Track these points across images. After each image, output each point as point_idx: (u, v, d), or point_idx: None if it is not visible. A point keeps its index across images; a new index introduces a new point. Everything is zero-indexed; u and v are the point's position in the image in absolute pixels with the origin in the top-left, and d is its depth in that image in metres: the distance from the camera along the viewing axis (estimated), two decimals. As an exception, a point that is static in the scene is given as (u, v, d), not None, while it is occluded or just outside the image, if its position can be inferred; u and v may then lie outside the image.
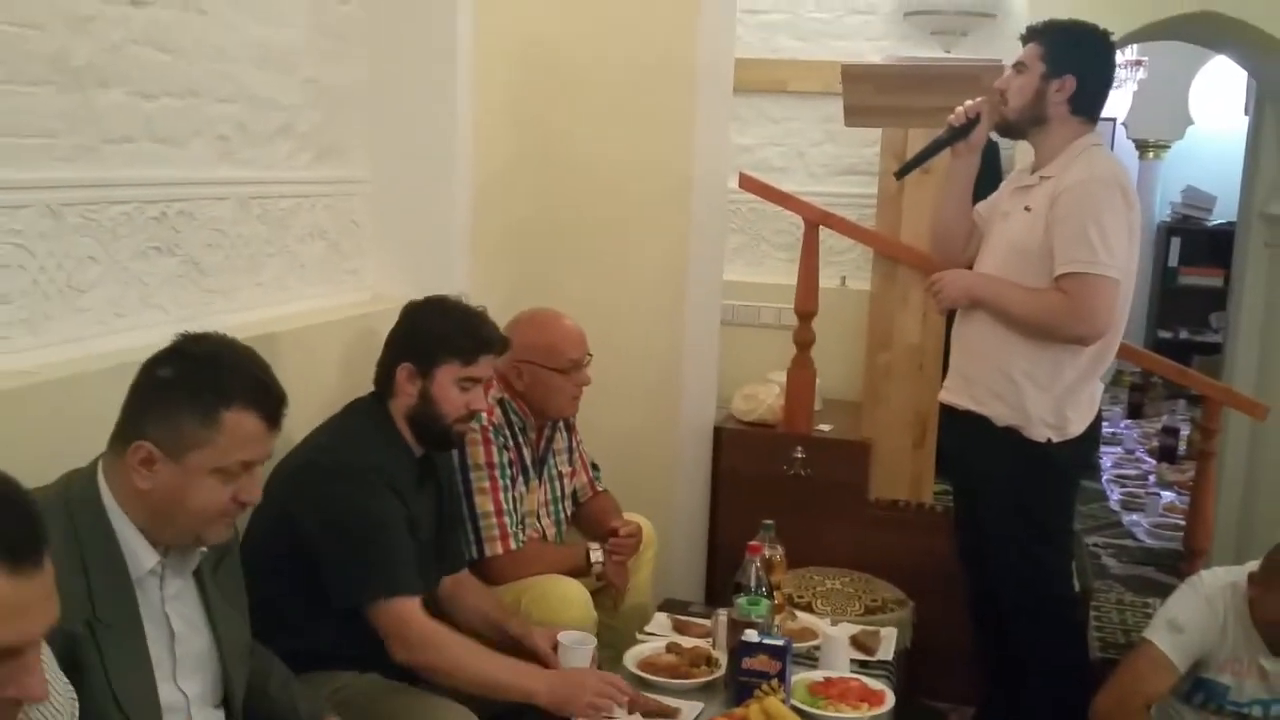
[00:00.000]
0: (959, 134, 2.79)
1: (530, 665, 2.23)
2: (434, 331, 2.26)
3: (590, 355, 2.76)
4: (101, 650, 1.52)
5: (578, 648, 2.22)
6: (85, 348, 1.97)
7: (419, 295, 2.36)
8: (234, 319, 2.32)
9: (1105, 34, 2.71)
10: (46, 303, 1.94)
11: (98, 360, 1.96)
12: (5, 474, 1.12)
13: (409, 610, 2.08)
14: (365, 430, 2.25)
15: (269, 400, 1.63)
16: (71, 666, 1.48)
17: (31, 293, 1.91)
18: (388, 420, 2.27)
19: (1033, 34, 2.72)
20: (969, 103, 2.78)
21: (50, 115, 1.91)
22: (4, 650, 1.05)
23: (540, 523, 2.77)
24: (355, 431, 2.25)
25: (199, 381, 1.58)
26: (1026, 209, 2.67)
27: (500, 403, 2.67)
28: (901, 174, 3.06)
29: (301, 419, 2.23)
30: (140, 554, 1.59)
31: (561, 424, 2.86)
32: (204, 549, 1.67)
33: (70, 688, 1.29)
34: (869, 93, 3.36)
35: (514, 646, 2.31)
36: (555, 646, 2.26)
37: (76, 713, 1.29)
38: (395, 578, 2.09)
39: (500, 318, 3.08)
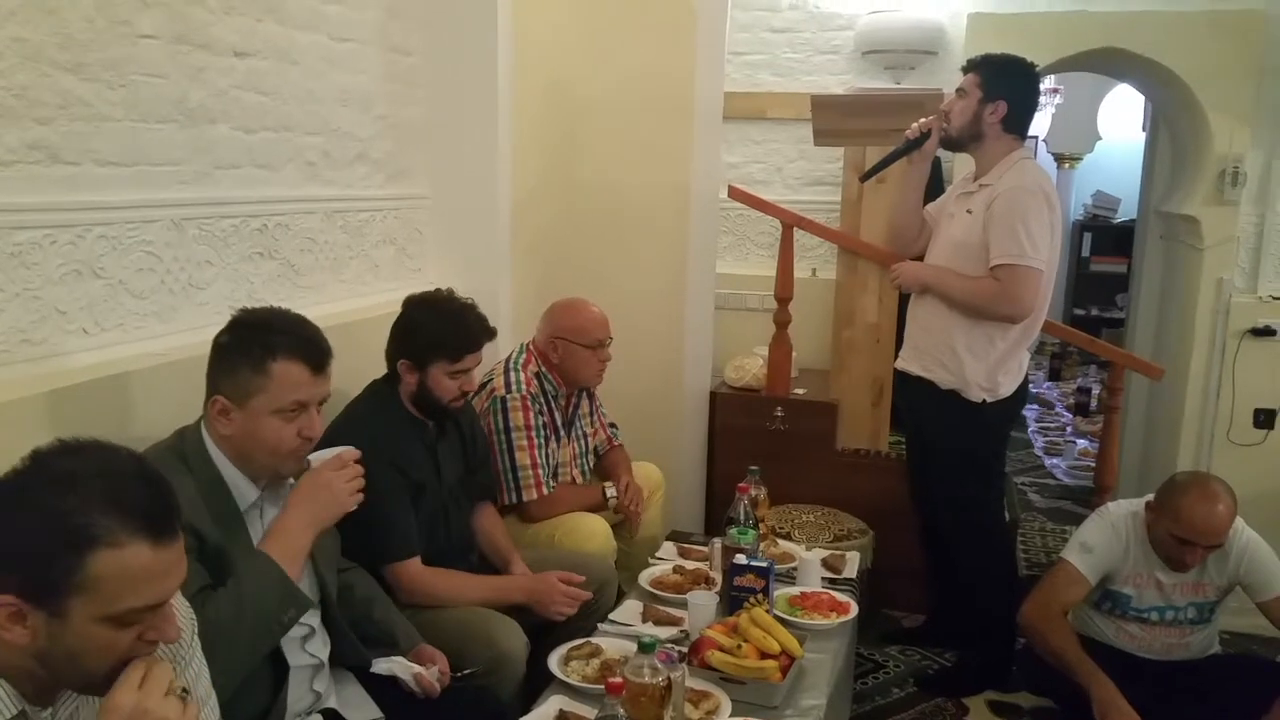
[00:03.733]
0: (913, 145, 2.78)
1: (504, 578, 2.29)
2: (426, 334, 2.16)
3: (611, 338, 2.75)
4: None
5: (703, 605, 2.12)
6: (204, 334, 1.95)
7: (471, 288, 2.35)
8: (323, 309, 2.35)
9: (1030, 65, 2.68)
10: (173, 298, 1.97)
11: (215, 344, 1.99)
12: (139, 455, 1.12)
13: (404, 570, 2.10)
14: (372, 410, 2.18)
15: (310, 349, 1.62)
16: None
17: (160, 290, 1.94)
18: (395, 399, 2.20)
19: (971, 65, 2.70)
20: (922, 120, 2.77)
21: (173, 147, 1.94)
22: (151, 607, 1.07)
23: (571, 473, 2.77)
24: (362, 411, 2.19)
25: (250, 341, 1.60)
26: (968, 211, 2.66)
27: (537, 375, 2.66)
28: (865, 177, 3.05)
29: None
30: (243, 488, 1.62)
31: (585, 392, 2.84)
32: (292, 482, 1.68)
33: (189, 607, 1.30)
34: (834, 118, 3.34)
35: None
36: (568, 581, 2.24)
37: (196, 626, 1.30)
38: (391, 547, 2.09)
39: (533, 305, 3.11)
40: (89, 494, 1.03)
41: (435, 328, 2.17)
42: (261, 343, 1.59)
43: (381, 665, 1.81)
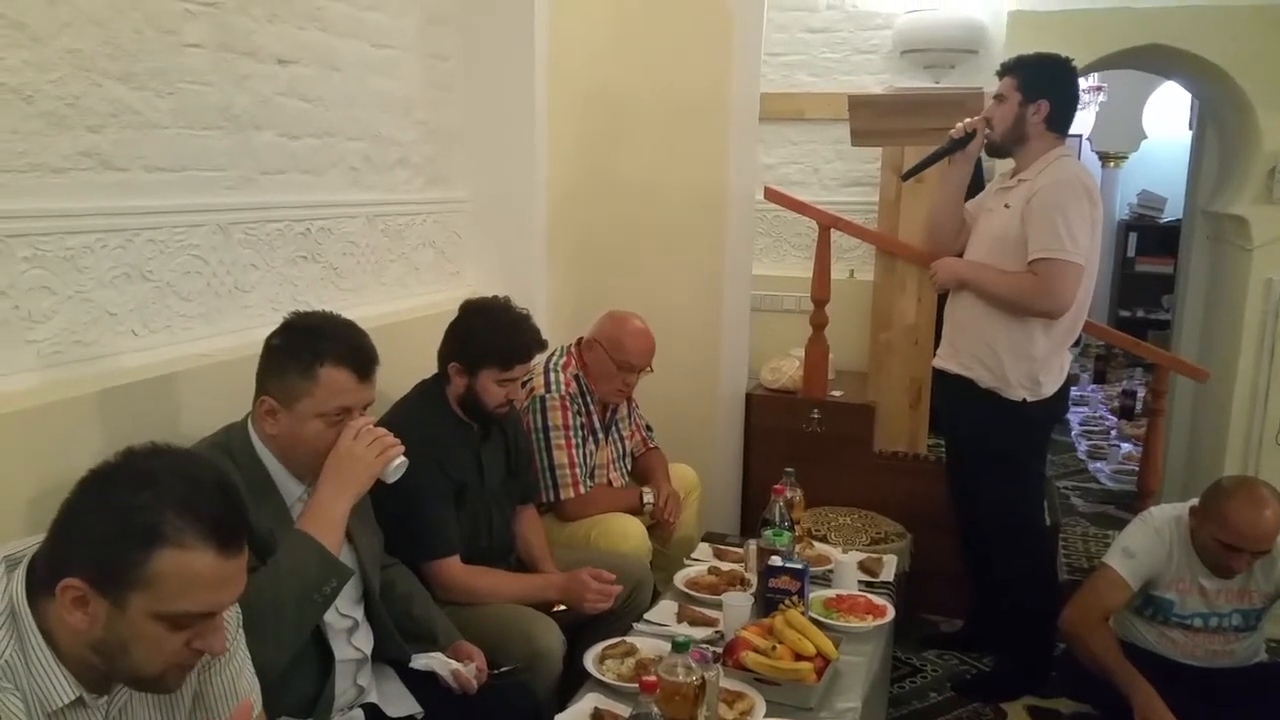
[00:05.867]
0: (957, 145, 2.76)
1: (540, 577, 2.31)
2: (481, 340, 2.19)
3: (651, 369, 2.73)
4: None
5: (738, 606, 2.11)
6: (249, 336, 2.03)
7: (509, 290, 2.37)
8: (364, 311, 2.37)
9: (1068, 61, 2.65)
10: (218, 300, 2.01)
11: (259, 346, 2.02)
12: (222, 468, 1.16)
13: (443, 567, 2.13)
14: (420, 410, 2.22)
15: (358, 357, 1.64)
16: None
17: (206, 293, 1.98)
18: (442, 401, 2.24)
19: (1006, 69, 2.67)
20: (967, 120, 2.74)
21: (218, 153, 1.98)
22: (205, 614, 1.11)
23: (609, 475, 2.79)
24: (410, 410, 2.22)
25: (300, 345, 1.62)
26: (1006, 206, 2.64)
27: (576, 377, 2.68)
28: (907, 176, 3.02)
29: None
30: (289, 485, 1.66)
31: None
32: None
33: (236, 607, 1.32)
34: (871, 118, 3.32)
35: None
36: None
37: (241, 622, 1.33)
38: (431, 544, 2.12)
39: (570, 308, 3.13)
40: (165, 494, 1.07)
41: (490, 335, 2.20)
42: (311, 348, 1.62)
43: (420, 661, 1.84)
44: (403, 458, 1.67)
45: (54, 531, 1.09)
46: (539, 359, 2.58)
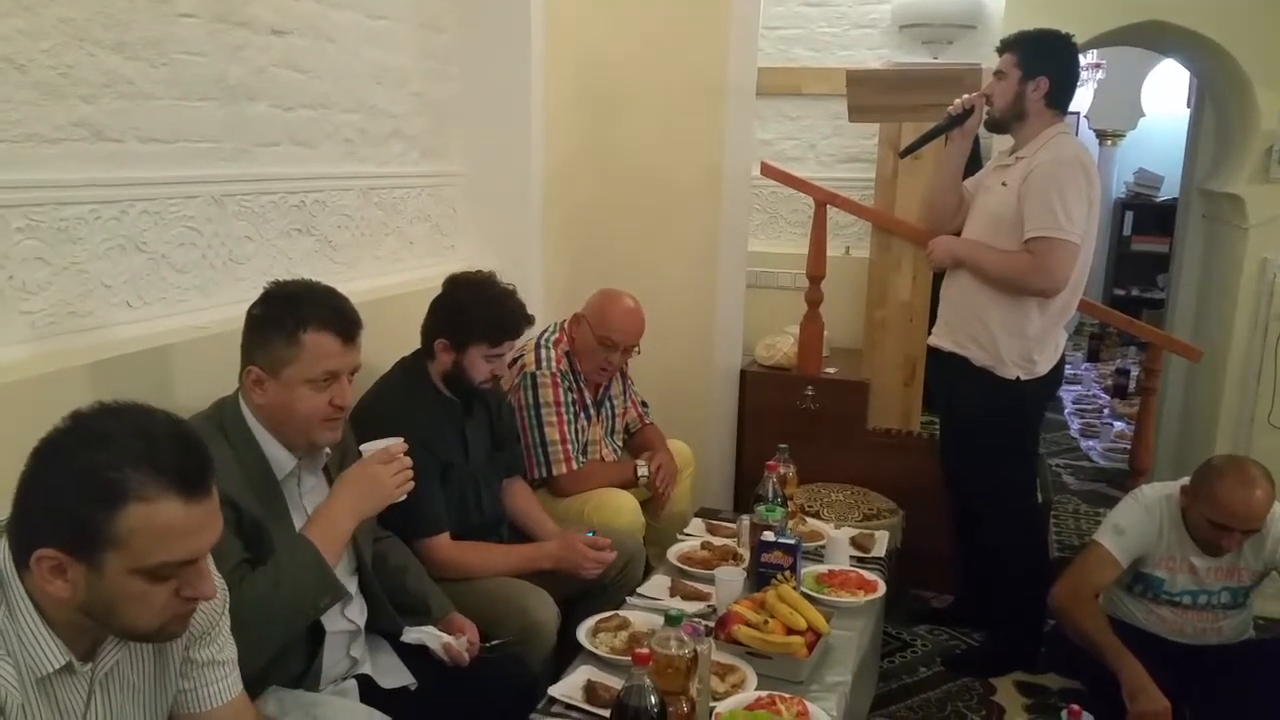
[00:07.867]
0: (956, 122, 2.75)
1: (532, 547, 2.31)
2: (469, 316, 2.16)
3: (639, 351, 2.72)
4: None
5: (730, 580, 2.12)
6: (244, 308, 1.98)
7: (503, 265, 2.37)
8: (358, 285, 2.37)
9: (1068, 37, 2.63)
10: (213, 273, 2.01)
11: (254, 318, 2.02)
12: (176, 416, 1.15)
13: (434, 545, 2.14)
14: (403, 388, 2.20)
15: (341, 321, 1.65)
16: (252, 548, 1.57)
17: (201, 265, 1.98)
18: (425, 378, 2.22)
19: (1007, 45, 2.66)
20: (966, 96, 2.73)
21: (213, 124, 1.97)
22: (185, 562, 1.11)
23: (601, 452, 2.79)
24: (393, 389, 2.20)
25: (282, 313, 1.63)
26: (1004, 184, 2.63)
27: (567, 354, 2.68)
28: (905, 153, 3.01)
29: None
30: (280, 459, 1.66)
31: (617, 372, 2.83)
32: (328, 451, 1.72)
33: (221, 579, 1.32)
34: (869, 93, 3.31)
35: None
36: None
37: (228, 598, 1.34)
38: (420, 523, 2.12)
39: (564, 283, 3.13)
40: (122, 450, 1.07)
41: (479, 311, 2.18)
42: (293, 315, 1.62)
43: (412, 635, 1.86)
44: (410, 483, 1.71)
45: (17, 505, 1.08)
46: (530, 335, 2.59)
